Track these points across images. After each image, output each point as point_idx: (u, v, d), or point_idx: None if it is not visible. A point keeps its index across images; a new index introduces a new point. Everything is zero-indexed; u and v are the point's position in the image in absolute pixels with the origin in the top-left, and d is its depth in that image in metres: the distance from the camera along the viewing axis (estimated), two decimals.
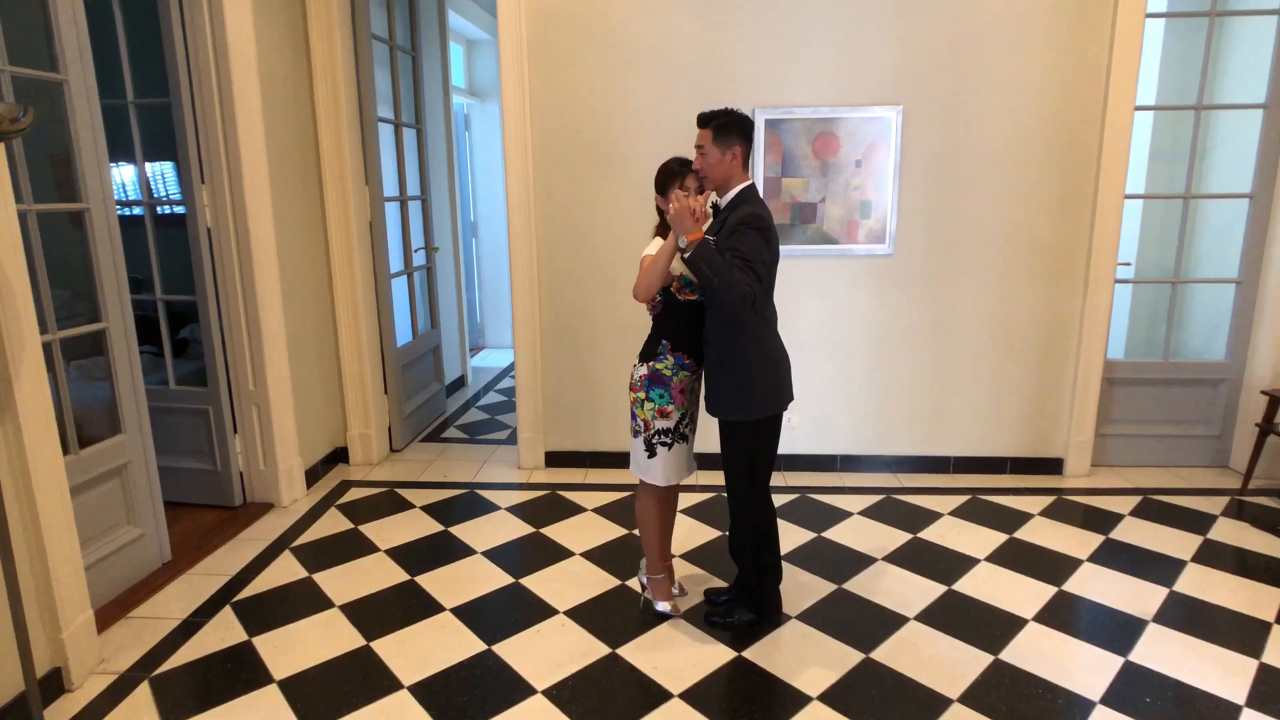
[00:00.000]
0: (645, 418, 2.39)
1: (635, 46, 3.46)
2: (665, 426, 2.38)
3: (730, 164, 2.22)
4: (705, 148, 2.22)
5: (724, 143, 2.20)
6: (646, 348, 2.41)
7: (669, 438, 2.39)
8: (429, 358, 4.77)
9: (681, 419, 2.40)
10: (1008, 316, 3.63)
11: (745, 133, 2.23)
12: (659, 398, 2.36)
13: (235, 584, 2.74)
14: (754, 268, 2.08)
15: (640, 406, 2.39)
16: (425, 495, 3.55)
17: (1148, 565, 2.88)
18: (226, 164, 3.07)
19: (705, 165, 2.23)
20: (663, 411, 2.37)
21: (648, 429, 2.39)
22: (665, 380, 2.36)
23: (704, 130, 2.22)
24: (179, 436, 3.31)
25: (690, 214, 2.06)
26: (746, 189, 2.25)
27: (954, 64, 3.40)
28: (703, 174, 2.25)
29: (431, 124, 5.02)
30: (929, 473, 3.81)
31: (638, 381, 2.40)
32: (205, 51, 2.96)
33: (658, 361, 2.37)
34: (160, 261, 3.16)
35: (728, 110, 2.24)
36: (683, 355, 2.37)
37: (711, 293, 2.10)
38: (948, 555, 2.97)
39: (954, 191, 3.52)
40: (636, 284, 2.26)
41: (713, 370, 2.32)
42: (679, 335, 2.36)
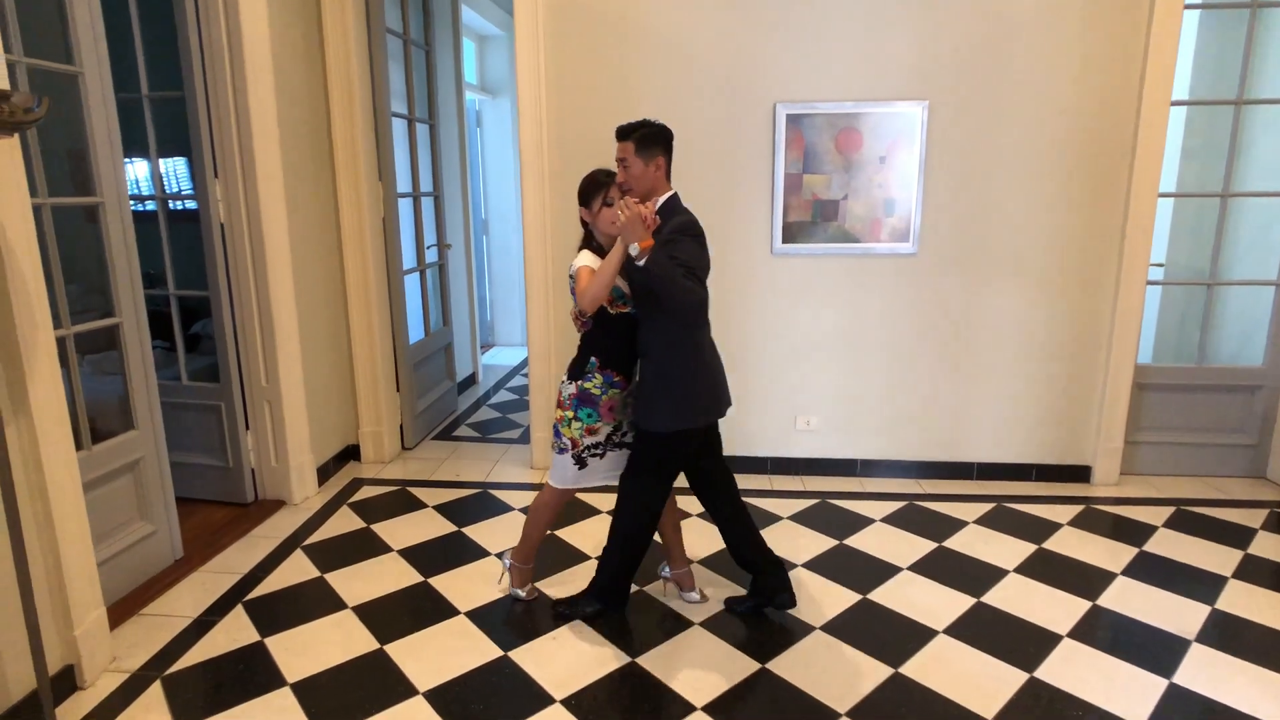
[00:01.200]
0: (572, 436, 2.36)
1: (653, 41, 3.40)
2: (594, 442, 2.37)
3: (654, 175, 2.21)
4: (628, 160, 2.20)
5: (647, 154, 2.19)
6: (574, 365, 2.37)
7: (600, 449, 2.38)
8: (441, 355, 4.73)
9: (613, 432, 2.39)
10: (1034, 318, 3.55)
11: (667, 143, 2.24)
12: (587, 417, 2.34)
13: (247, 582, 2.70)
14: (696, 273, 2.06)
15: (567, 425, 2.36)
16: (437, 494, 3.50)
17: (1186, 580, 2.78)
18: (240, 159, 3.03)
19: (629, 178, 2.20)
20: (590, 430, 2.35)
21: (575, 446, 2.37)
22: (594, 399, 2.33)
23: (625, 143, 2.20)
24: (191, 432, 3.28)
25: (641, 221, 2.02)
26: (671, 199, 2.24)
27: (982, 58, 3.32)
28: (626, 186, 2.21)
29: (444, 120, 4.97)
30: (952, 479, 3.72)
31: (566, 400, 2.36)
32: (220, 44, 2.91)
33: (586, 380, 2.33)
34: (173, 257, 3.13)
35: (647, 121, 2.23)
36: (611, 373, 2.33)
37: (666, 301, 2.06)
38: (975, 565, 2.89)
39: (981, 189, 3.44)
40: (582, 296, 2.16)
41: (649, 383, 2.27)
42: (609, 352, 2.32)
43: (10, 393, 1.92)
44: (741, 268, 3.57)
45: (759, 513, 3.32)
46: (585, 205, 2.30)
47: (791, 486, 3.62)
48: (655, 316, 2.21)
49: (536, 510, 2.53)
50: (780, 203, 3.50)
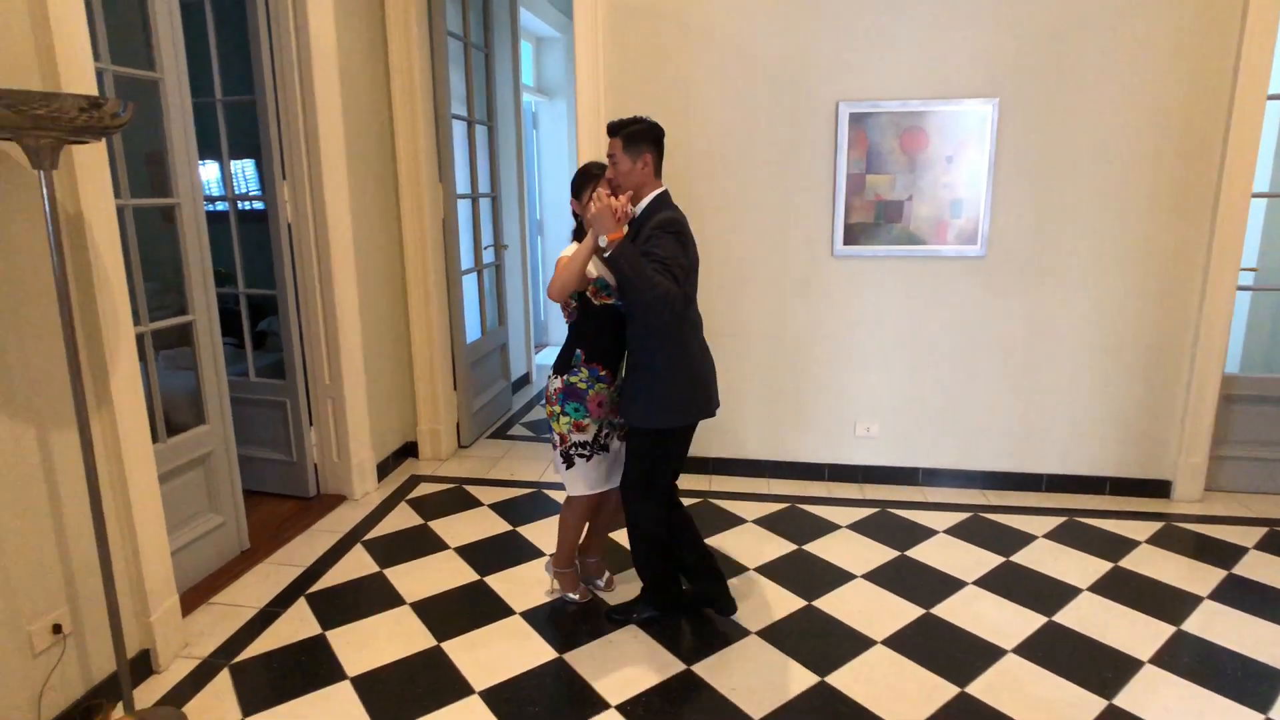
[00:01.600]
0: (561, 431, 2.35)
1: (713, 40, 3.35)
2: (582, 439, 2.36)
3: (642, 172, 2.21)
4: (616, 156, 2.20)
5: (634, 151, 2.19)
6: (560, 359, 2.38)
7: (587, 450, 2.36)
8: (496, 355, 4.77)
9: (600, 431, 2.37)
10: (1112, 324, 3.38)
11: (655, 140, 2.23)
12: (574, 411, 2.33)
13: (309, 575, 2.76)
14: (672, 271, 2.06)
15: (556, 420, 2.36)
16: (493, 493, 3.53)
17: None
18: (307, 161, 3.11)
19: (617, 174, 2.21)
20: (579, 425, 2.34)
21: (564, 442, 2.36)
22: (580, 394, 2.32)
23: (613, 139, 2.21)
24: (258, 427, 3.37)
25: (611, 213, 2.04)
26: (660, 195, 2.24)
27: (1057, 52, 3.17)
28: (615, 183, 2.22)
29: (502, 121, 5.02)
30: (1019, 490, 3.57)
31: (553, 395, 2.36)
32: (289, 50, 2.99)
33: (572, 374, 2.33)
34: (242, 256, 3.22)
35: (637, 118, 2.23)
36: (597, 367, 2.33)
37: (632, 294, 2.06)
38: (1045, 582, 2.76)
39: (1055, 189, 3.29)
40: (551, 283, 2.19)
41: (632, 379, 2.27)
42: (594, 345, 2.32)
43: (94, 387, 1.99)
44: (801, 270, 3.50)
45: (814, 520, 3.25)
46: (576, 197, 2.33)
47: (849, 494, 3.53)
48: (635, 312, 2.21)
49: (561, 524, 2.54)
50: (842, 204, 3.41)
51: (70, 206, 1.90)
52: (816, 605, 2.60)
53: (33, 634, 1.83)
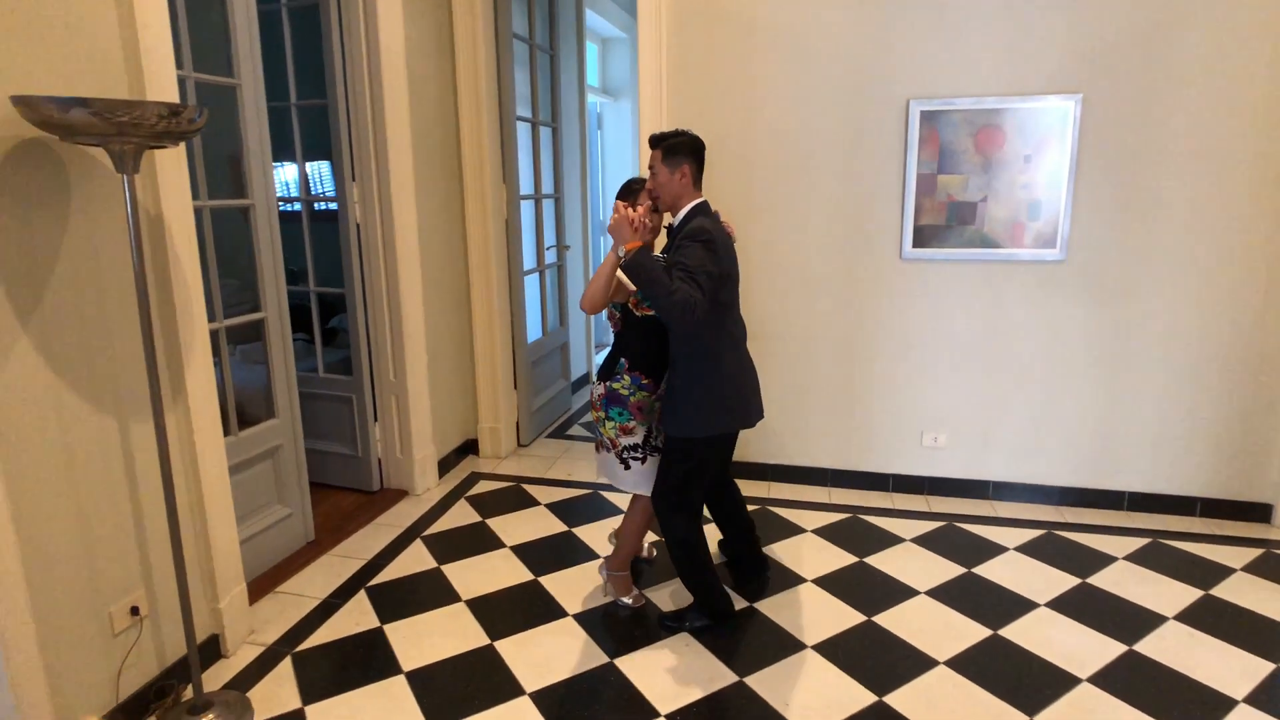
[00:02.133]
0: (610, 436, 2.40)
1: (777, 38, 3.28)
2: (632, 443, 2.39)
3: (679, 183, 2.25)
4: (655, 168, 2.27)
5: (672, 163, 2.24)
6: (605, 366, 2.43)
7: (639, 452, 2.40)
8: (557, 355, 4.80)
9: (649, 433, 2.41)
10: (1205, 334, 3.15)
11: (694, 152, 2.28)
12: (618, 415, 2.37)
13: (370, 568, 2.82)
14: (696, 278, 2.06)
15: (603, 425, 2.41)
16: (550, 493, 3.55)
17: None
18: (375, 162, 3.18)
19: (656, 185, 2.28)
20: (624, 429, 2.38)
21: (614, 446, 2.41)
22: (622, 400, 2.36)
23: (654, 152, 2.27)
24: (326, 422, 3.48)
25: (629, 223, 2.10)
26: (697, 205, 2.28)
27: (1148, 45, 2.98)
28: (655, 193, 2.28)
29: (566, 122, 5.05)
30: (1098, 508, 3.37)
31: (597, 400, 2.41)
32: (359, 55, 3.07)
33: (614, 381, 2.38)
34: (315, 255, 3.33)
35: (678, 131, 2.29)
36: (639, 375, 2.36)
37: (652, 302, 2.10)
38: (1125, 608, 2.59)
39: (1143, 191, 3.09)
40: (583, 297, 2.27)
41: (674, 388, 2.29)
42: (637, 354, 2.36)
43: (170, 381, 2.08)
44: (867, 273, 3.39)
45: (877, 532, 3.14)
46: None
47: (915, 506, 3.40)
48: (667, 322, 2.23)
49: (628, 521, 2.57)
50: (912, 205, 3.29)
51: (151, 208, 2.00)
52: (876, 621, 2.51)
53: (113, 614, 1.92)
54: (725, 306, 2.25)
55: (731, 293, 2.28)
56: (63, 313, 1.78)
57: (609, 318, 2.43)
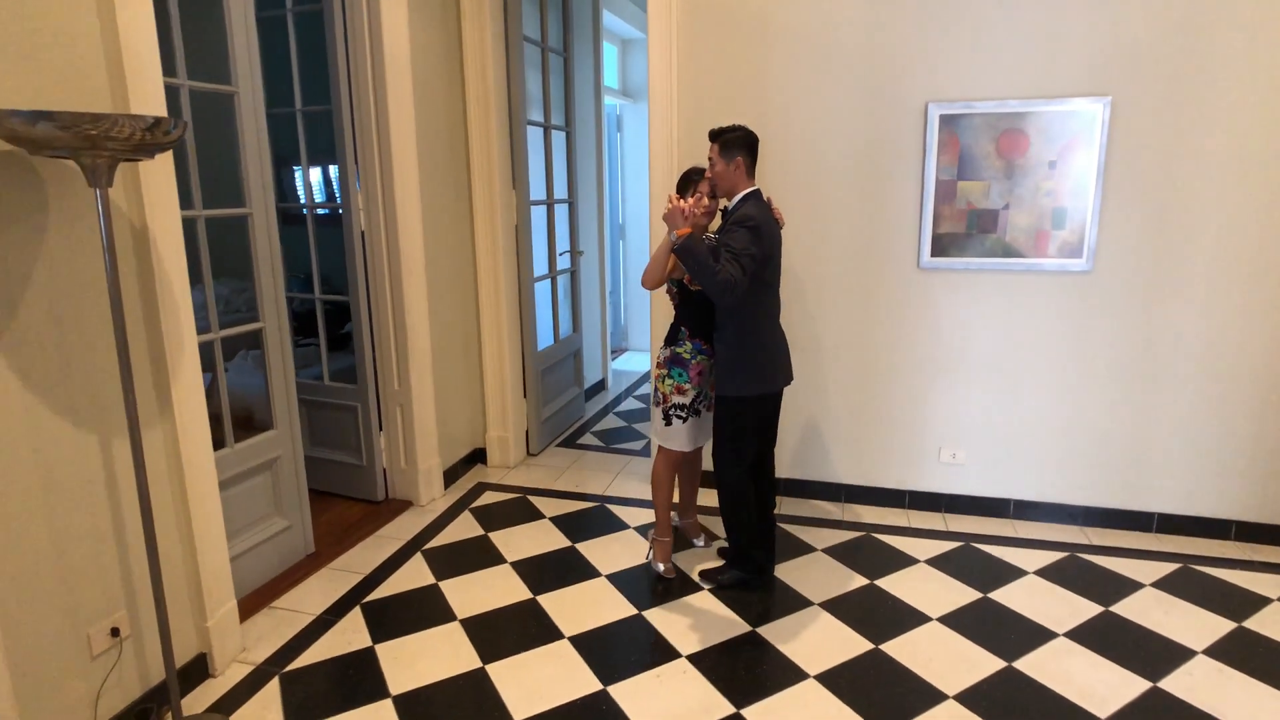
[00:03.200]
0: (665, 391, 2.72)
1: (792, 38, 3.18)
2: (681, 402, 2.70)
3: (734, 173, 2.53)
4: (713, 159, 2.54)
5: (728, 155, 2.51)
6: (670, 333, 2.74)
7: (684, 412, 2.71)
8: (569, 362, 4.74)
9: (697, 397, 2.73)
10: (1240, 348, 2.98)
11: (749, 145, 2.54)
12: (678, 375, 2.69)
13: (368, 583, 2.78)
14: (740, 260, 2.35)
15: (662, 382, 2.73)
16: (556, 505, 3.48)
17: None
18: (379, 168, 3.14)
19: (714, 174, 2.56)
20: (679, 389, 2.69)
21: (665, 401, 2.72)
22: (685, 362, 2.69)
23: (712, 145, 2.54)
24: (332, 430, 3.46)
25: (680, 213, 2.37)
26: (750, 194, 2.53)
27: (1183, 45, 2.82)
28: (713, 181, 2.57)
29: (582, 126, 4.98)
30: (1124, 529, 3.22)
31: (662, 361, 2.74)
32: (363, 59, 3.03)
33: (678, 345, 2.70)
34: (324, 261, 3.31)
35: (734, 126, 2.55)
36: (700, 341, 2.68)
37: (699, 281, 2.37)
38: (1151, 640, 2.45)
39: (1174, 198, 2.94)
40: (643, 274, 2.61)
41: (720, 355, 2.58)
42: (694, 322, 2.68)
43: (157, 395, 2.05)
44: (884, 282, 3.27)
45: (890, 552, 3.03)
46: (681, 196, 2.64)
47: (931, 525, 3.28)
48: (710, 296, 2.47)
49: (654, 477, 2.83)
50: (930, 212, 3.17)
51: (136, 219, 1.96)
52: (884, 649, 2.40)
53: (92, 636, 1.89)
54: (766, 285, 2.54)
55: (773, 273, 2.57)
56: (39, 329, 1.75)
57: (667, 293, 2.75)
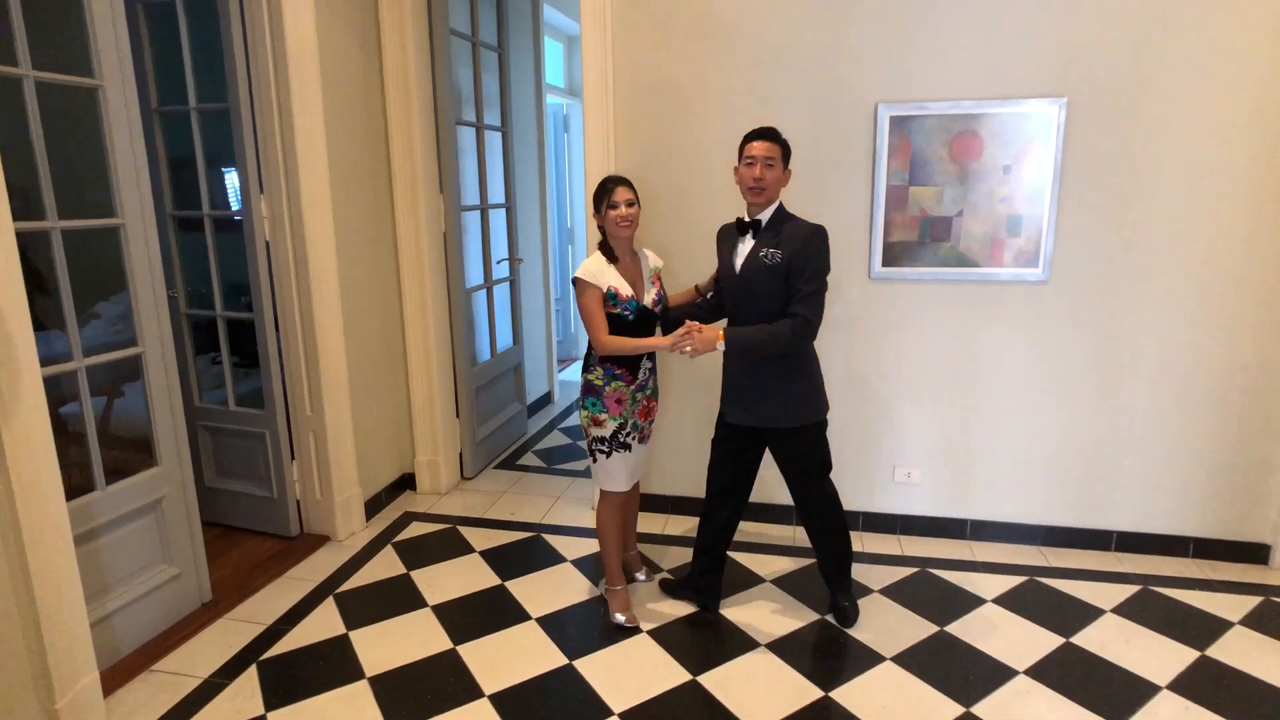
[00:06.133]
0: (582, 424, 2.51)
1: (733, 35, 2.98)
2: (600, 435, 2.47)
3: (785, 179, 2.39)
4: (774, 162, 2.32)
5: (786, 160, 2.36)
6: (585, 357, 2.53)
7: (606, 446, 2.48)
8: (509, 376, 4.48)
9: (620, 428, 2.47)
10: (1198, 361, 2.88)
11: None
12: (591, 406, 2.46)
13: (269, 636, 2.48)
14: (821, 289, 2.30)
15: (580, 413, 2.52)
16: (488, 536, 3.22)
17: None
18: (284, 171, 2.85)
19: (769, 179, 2.32)
20: (596, 420, 2.46)
21: (586, 435, 2.51)
22: (598, 390, 2.44)
23: (774, 145, 2.34)
24: (239, 460, 3.15)
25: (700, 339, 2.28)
26: (781, 204, 2.40)
27: (1137, 44, 2.70)
28: (763, 184, 2.31)
29: (521, 126, 4.73)
30: (1084, 549, 3.10)
31: (581, 392, 2.51)
32: (263, 51, 2.74)
33: (588, 372, 2.48)
34: (226, 275, 3.00)
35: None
36: (612, 366, 2.44)
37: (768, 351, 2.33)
38: (1114, 676, 2.31)
39: (1132, 205, 2.82)
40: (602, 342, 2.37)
41: (777, 380, 2.38)
42: None
43: None
44: (834, 294, 3.07)
45: None
46: (596, 210, 2.46)
47: (886, 549, 3.11)
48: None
49: (598, 529, 2.60)
50: (881, 220, 3.00)
51: None
52: (833, 697, 2.21)
53: None
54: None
55: None
56: None
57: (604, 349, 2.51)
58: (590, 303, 2.36)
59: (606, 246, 2.45)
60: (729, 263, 2.44)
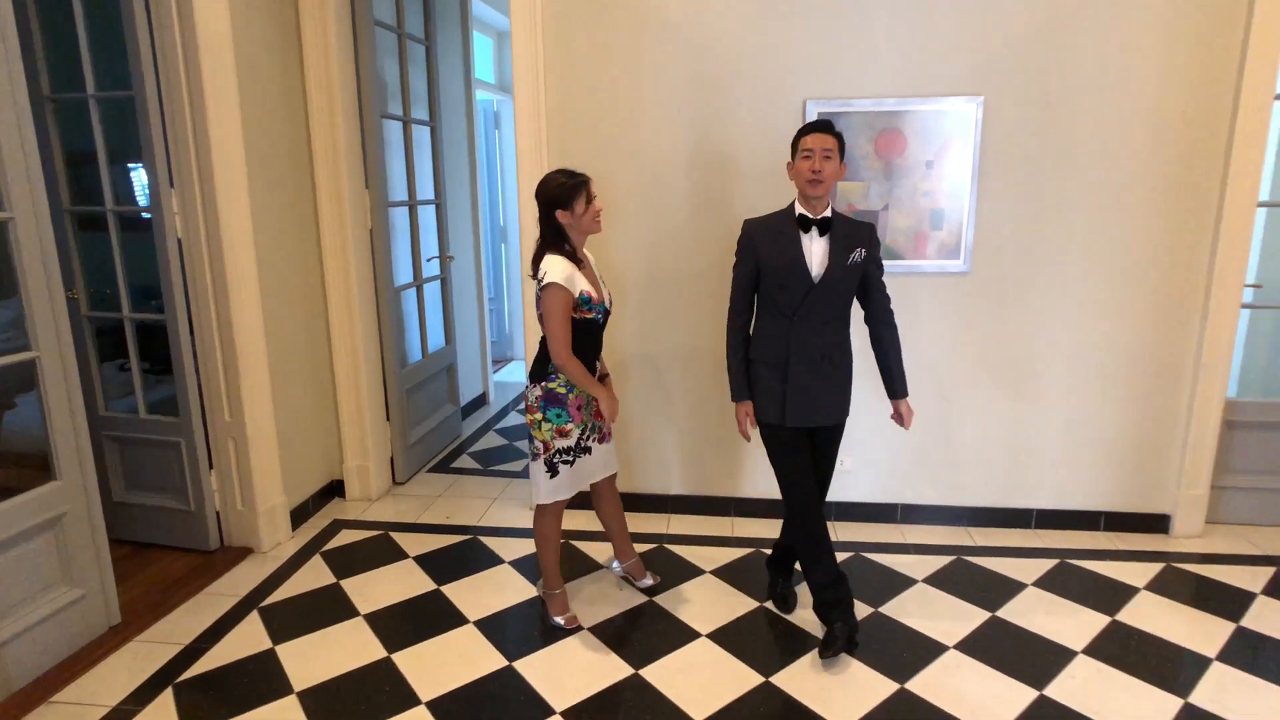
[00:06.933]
0: (544, 439, 2.37)
1: (666, 31, 2.99)
2: (565, 445, 2.38)
3: (841, 173, 2.28)
4: (832, 153, 2.22)
5: (842, 152, 2.25)
6: (536, 367, 2.40)
7: (570, 455, 2.39)
8: (442, 377, 4.37)
9: (582, 434, 2.42)
10: (1107, 345, 3.05)
11: None
12: (556, 417, 2.35)
13: (186, 656, 2.34)
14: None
15: (538, 428, 2.37)
16: (422, 541, 3.13)
17: None
18: (197, 166, 2.70)
19: (827, 172, 2.21)
20: (561, 431, 2.36)
21: (547, 450, 2.37)
22: (560, 399, 2.35)
23: (831, 137, 2.23)
24: (152, 471, 2.96)
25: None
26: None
27: (1046, 45, 2.84)
28: (821, 176, 2.20)
29: (451, 121, 4.62)
30: (1007, 527, 3.24)
31: (534, 403, 2.37)
32: (171, 36, 2.58)
33: (549, 380, 2.35)
34: (134, 274, 2.82)
35: None
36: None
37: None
38: (1035, 644, 2.43)
39: (1046, 197, 2.96)
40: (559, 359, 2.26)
41: (844, 377, 2.39)
42: (575, 353, 2.30)
43: None
44: None
45: None
46: (565, 208, 2.28)
47: None
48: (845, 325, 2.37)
49: (539, 539, 2.50)
50: None
51: None
52: (774, 682, 2.24)
53: None
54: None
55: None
56: None
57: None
58: (559, 310, 2.22)
59: (568, 249, 2.31)
60: (793, 261, 2.24)
